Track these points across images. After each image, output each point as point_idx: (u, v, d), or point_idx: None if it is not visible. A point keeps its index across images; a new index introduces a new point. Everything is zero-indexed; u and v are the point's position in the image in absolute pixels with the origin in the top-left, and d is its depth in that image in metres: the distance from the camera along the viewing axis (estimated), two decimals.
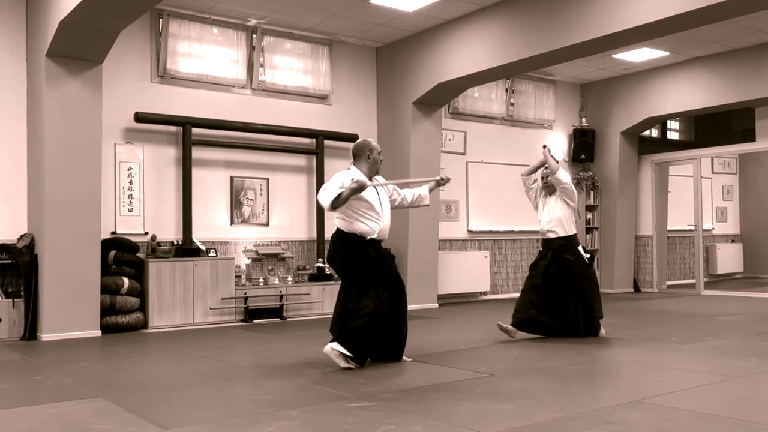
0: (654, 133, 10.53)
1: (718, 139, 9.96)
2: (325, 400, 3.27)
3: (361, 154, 4.16)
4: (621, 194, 9.43)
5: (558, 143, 9.56)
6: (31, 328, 5.44)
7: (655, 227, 9.67)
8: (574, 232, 5.22)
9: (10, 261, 5.52)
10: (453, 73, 7.05)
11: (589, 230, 9.53)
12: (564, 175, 5.19)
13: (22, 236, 5.66)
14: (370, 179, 4.12)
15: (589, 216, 9.57)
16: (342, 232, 4.12)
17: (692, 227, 9.46)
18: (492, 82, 8.28)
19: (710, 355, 4.51)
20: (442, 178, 4.44)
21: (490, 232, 8.78)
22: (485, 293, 8.62)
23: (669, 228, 9.94)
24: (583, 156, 9.48)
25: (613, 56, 8.24)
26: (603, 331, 5.23)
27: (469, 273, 8.34)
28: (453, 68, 7.05)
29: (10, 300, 5.48)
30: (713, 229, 11.15)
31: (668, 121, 10.61)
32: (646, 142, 10.05)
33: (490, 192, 8.73)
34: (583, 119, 9.64)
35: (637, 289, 9.64)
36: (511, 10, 6.48)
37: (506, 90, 8.95)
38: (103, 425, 2.88)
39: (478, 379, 3.71)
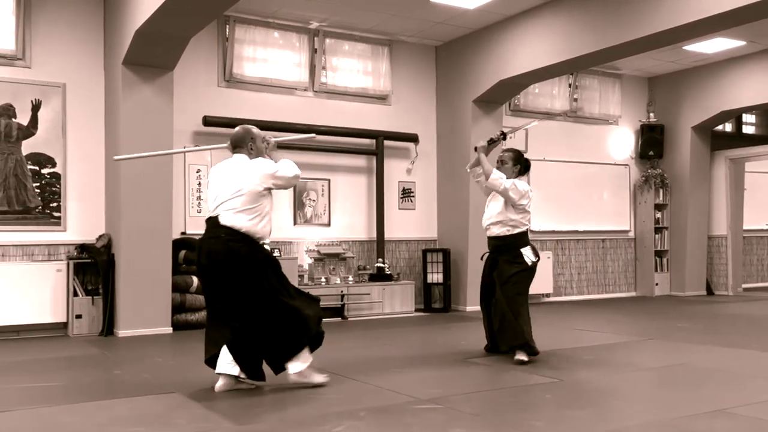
0: (728, 127, 10.01)
1: None
2: (391, 401, 3.28)
3: (242, 144, 3.58)
4: (693, 192, 9.02)
5: (625, 139, 9.26)
6: (108, 325, 5.71)
7: (730, 227, 9.20)
8: (519, 230, 4.35)
9: (89, 260, 5.81)
10: (514, 70, 6.93)
11: (658, 230, 9.17)
12: (498, 182, 4.27)
13: (100, 236, 5.96)
14: None
15: (658, 215, 9.21)
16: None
17: None
18: (555, 78, 8.09)
19: None
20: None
21: (553, 232, 8.58)
22: (548, 295, 8.43)
23: (745, 227, 9.44)
24: (651, 152, 9.13)
25: (683, 48, 7.89)
26: (521, 356, 4.17)
27: None
28: (514, 65, 6.93)
29: (90, 297, 5.78)
30: None
31: (744, 115, 10.07)
32: (720, 137, 9.57)
33: (553, 191, 8.53)
34: (651, 114, 9.28)
35: (710, 292, 9.20)
36: (575, 2, 6.30)
37: (569, 85, 8.72)
38: (180, 420, 2.98)
39: (547, 384, 3.62)
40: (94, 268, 5.83)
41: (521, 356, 4.17)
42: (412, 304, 7.26)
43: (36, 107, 5.88)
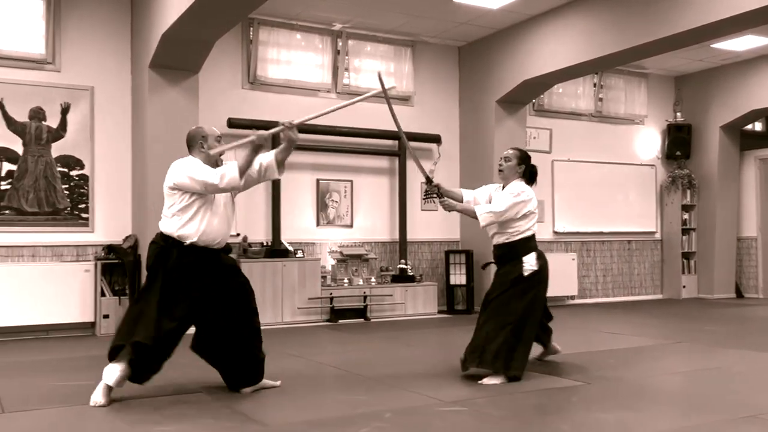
0: (758, 126, 9.79)
1: None
2: (416, 402, 3.27)
3: (194, 144, 3.48)
4: (721, 193, 8.85)
5: (651, 139, 9.12)
6: None
7: (760, 228, 8.99)
8: (522, 236, 3.83)
9: (116, 261, 5.90)
10: (539, 70, 6.87)
11: (685, 231, 9.01)
12: (491, 218, 3.80)
13: (127, 237, 6.04)
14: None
15: (686, 216, 9.05)
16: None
17: None
18: (580, 77, 8.00)
19: None
20: (284, 125, 3.46)
21: (578, 233, 8.48)
22: (573, 297, 8.34)
23: None
24: (678, 153, 8.98)
25: (711, 46, 7.74)
26: (491, 380, 3.63)
27: (555, 276, 7.85)
28: (539, 65, 6.87)
29: (117, 297, 5.86)
30: None
31: None
32: (749, 137, 9.36)
33: (578, 191, 8.44)
34: (678, 114, 9.12)
35: (739, 294, 9.01)
36: (600, 1, 6.23)
37: (594, 85, 8.62)
38: (206, 419, 3.01)
39: (574, 387, 3.58)
40: (121, 269, 5.91)
41: (491, 380, 3.62)
42: (435, 306, 7.23)
43: (65, 110, 5.99)
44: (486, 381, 3.63)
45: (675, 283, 8.97)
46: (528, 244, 3.84)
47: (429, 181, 3.92)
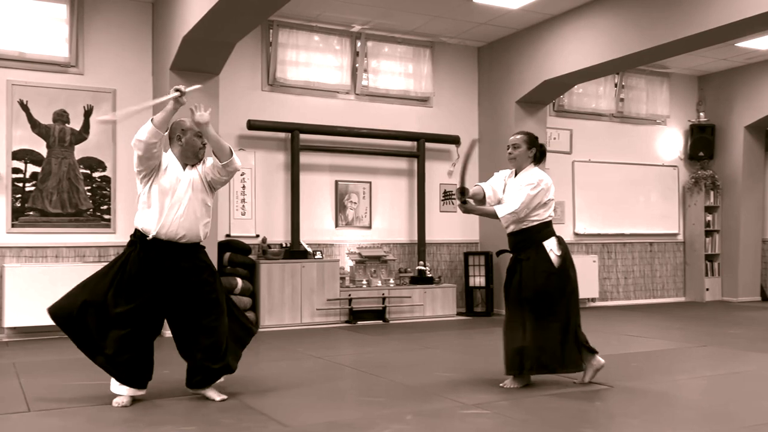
0: None
1: None
2: (437, 405, 3.25)
3: (172, 136, 3.41)
4: (746, 194, 8.69)
5: (673, 139, 9.00)
6: None
7: None
8: (541, 221, 3.69)
9: None
10: (559, 70, 6.81)
11: (708, 233, 8.87)
12: (511, 215, 3.66)
13: None
14: (184, 167, 3.41)
15: (709, 218, 8.90)
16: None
17: None
18: (601, 77, 7.92)
19: None
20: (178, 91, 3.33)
21: (599, 234, 8.39)
22: (594, 300, 8.25)
23: None
24: (701, 153, 8.84)
25: (735, 44, 7.61)
26: (512, 383, 3.63)
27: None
28: (559, 65, 6.80)
29: None
30: None
31: None
32: None
33: (599, 192, 8.35)
34: (701, 114, 8.98)
35: (764, 297, 8.84)
36: (622, 0, 6.16)
37: (615, 85, 8.52)
38: (228, 420, 3.02)
39: (596, 391, 3.53)
40: None
41: (512, 383, 3.63)
42: (454, 308, 7.20)
43: (88, 113, 6.07)
44: (507, 384, 3.63)
45: (698, 286, 8.83)
46: (547, 228, 3.72)
47: (463, 193, 3.66)
